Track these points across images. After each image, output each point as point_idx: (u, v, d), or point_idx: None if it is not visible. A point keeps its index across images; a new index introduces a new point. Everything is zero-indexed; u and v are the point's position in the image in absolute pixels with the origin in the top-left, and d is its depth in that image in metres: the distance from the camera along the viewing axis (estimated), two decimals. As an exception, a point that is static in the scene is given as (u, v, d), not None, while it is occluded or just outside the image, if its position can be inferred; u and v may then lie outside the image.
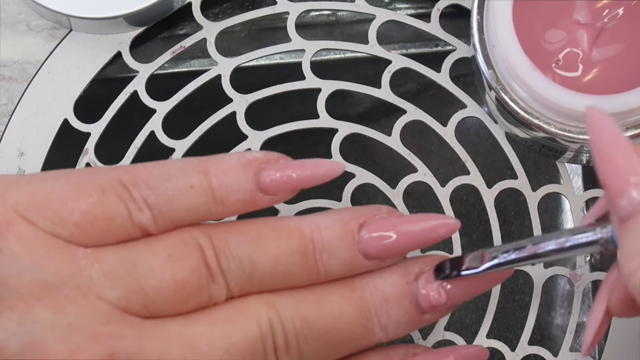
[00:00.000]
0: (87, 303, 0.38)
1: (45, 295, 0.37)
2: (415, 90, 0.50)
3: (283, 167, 0.41)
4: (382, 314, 0.41)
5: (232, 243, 0.40)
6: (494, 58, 0.44)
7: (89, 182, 0.39)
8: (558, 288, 0.49)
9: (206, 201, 0.40)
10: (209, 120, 0.48)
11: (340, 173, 0.41)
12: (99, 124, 0.48)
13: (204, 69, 0.49)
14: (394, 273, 0.41)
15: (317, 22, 0.50)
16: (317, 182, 0.41)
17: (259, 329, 0.39)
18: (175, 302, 0.39)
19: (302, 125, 0.48)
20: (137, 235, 0.39)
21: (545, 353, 0.47)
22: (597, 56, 0.45)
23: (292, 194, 0.41)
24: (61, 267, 0.38)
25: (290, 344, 0.39)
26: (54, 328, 0.37)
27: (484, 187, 0.48)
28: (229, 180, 0.40)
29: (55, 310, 0.37)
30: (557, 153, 0.47)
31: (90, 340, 0.37)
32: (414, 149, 0.48)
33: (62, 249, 0.38)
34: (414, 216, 0.42)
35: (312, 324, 0.40)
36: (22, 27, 0.49)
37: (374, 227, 0.41)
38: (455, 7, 0.49)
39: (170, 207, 0.39)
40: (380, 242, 0.41)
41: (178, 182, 0.40)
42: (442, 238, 0.41)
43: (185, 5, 0.49)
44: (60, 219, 0.38)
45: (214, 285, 0.39)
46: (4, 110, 0.49)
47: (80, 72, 0.49)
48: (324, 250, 0.40)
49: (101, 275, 0.38)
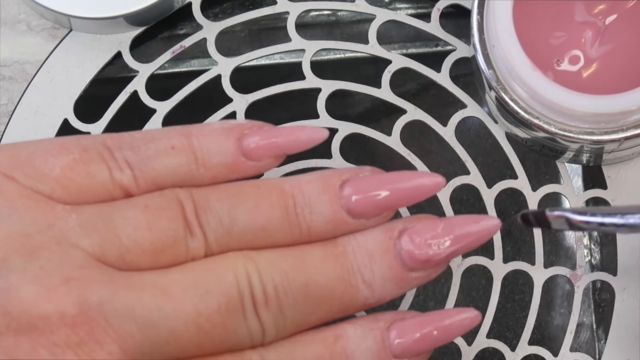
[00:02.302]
0: (60, 250, 0.37)
1: (20, 243, 0.37)
2: (415, 90, 0.50)
3: (266, 133, 0.41)
4: (365, 270, 0.40)
5: (212, 199, 0.39)
6: (494, 58, 0.44)
7: (72, 142, 0.39)
8: (558, 288, 0.49)
9: (187, 161, 0.40)
10: (209, 120, 0.48)
11: (324, 138, 0.41)
12: (99, 124, 0.48)
13: (204, 68, 0.49)
14: (377, 230, 0.40)
15: (317, 22, 0.50)
16: (300, 147, 0.41)
17: (236, 279, 0.38)
18: (151, 253, 0.38)
19: (302, 125, 0.48)
20: (119, 196, 0.39)
21: (545, 353, 0.47)
22: (598, 56, 0.45)
23: (276, 161, 0.41)
24: (38, 218, 0.38)
25: (269, 297, 0.39)
26: (26, 271, 0.37)
27: (484, 187, 0.48)
28: (211, 142, 0.40)
29: (28, 256, 0.37)
30: (557, 153, 0.47)
31: (61, 283, 0.37)
32: (414, 149, 0.48)
33: (41, 202, 0.38)
34: (398, 173, 0.41)
35: (291, 277, 0.39)
36: (22, 27, 0.49)
37: (357, 183, 0.40)
38: (455, 7, 0.49)
39: (151, 166, 0.39)
40: (363, 197, 0.40)
41: (160, 143, 0.40)
42: (428, 193, 0.41)
43: (185, 5, 0.49)
44: (41, 176, 0.39)
45: (192, 238, 0.39)
46: (4, 110, 0.49)
47: (80, 72, 0.49)
48: (305, 205, 0.40)
49: (77, 225, 0.38)
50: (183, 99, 0.49)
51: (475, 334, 0.47)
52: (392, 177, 0.41)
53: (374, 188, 0.40)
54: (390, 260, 0.40)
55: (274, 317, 0.39)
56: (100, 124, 0.48)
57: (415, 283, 0.41)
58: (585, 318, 0.48)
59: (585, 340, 0.48)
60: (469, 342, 0.47)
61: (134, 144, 0.40)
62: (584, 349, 0.48)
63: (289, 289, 0.39)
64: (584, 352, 0.47)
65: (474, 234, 0.40)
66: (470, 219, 0.40)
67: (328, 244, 0.40)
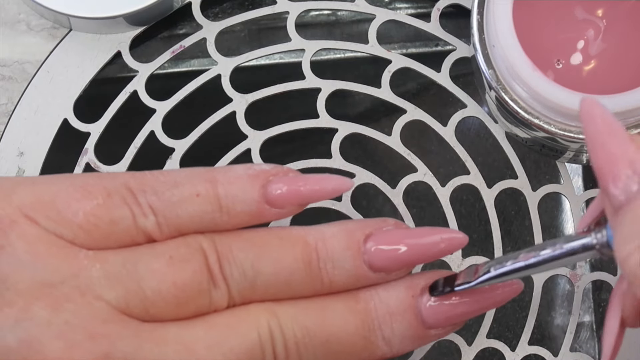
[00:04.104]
0: (85, 302, 0.37)
1: (44, 293, 0.37)
2: (415, 90, 0.50)
3: (291, 181, 0.40)
4: (385, 328, 0.40)
5: (236, 249, 0.40)
6: (494, 58, 0.44)
7: (94, 184, 0.39)
8: (558, 288, 0.49)
9: (211, 209, 0.40)
10: (208, 120, 0.48)
11: (349, 189, 0.41)
12: (98, 124, 0.48)
13: (204, 68, 0.49)
14: (399, 286, 0.41)
15: (317, 22, 0.50)
16: (325, 197, 0.41)
17: (258, 335, 0.39)
18: (174, 305, 0.38)
19: (302, 125, 0.48)
20: (141, 240, 0.39)
21: (545, 353, 0.47)
22: (598, 56, 0.45)
23: (299, 208, 0.41)
24: (61, 266, 0.38)
25: (290, 352, 0.39)
26: (50, 325, 0.37)
27: (484, 187, 0.48)
28: (236, 190, 0.40)
29: (52, 308, 0.37)
30: (557, 153, 0.47)
31: (86, 338, 0.37)
32: (414, 149, 0.48)
33: (64, 248, 0.38)
34: (421, 229, 0.41)
35: (313, 332, 0.40)
36: (22, 26, 0.49)
37: (380, 238, 0.41)
38: (455, 7, 0.49)
39: (175, 214, 0.39)
40: (386, 254, 0.40)
41: (184, 189, 0.40)
42: (449, 252, 0.41)
43: (185, 5, 0.49)
44: (64, 220, 0.38)
45: (215, 290, 0.39)
46: (4, 110, 0.49)
47: (80, 71, 0.49)
48: (328, 259, 0.40)
49: (101, 276, 0.38)
50: (183, 99, 0.49)
51: (475, 334, 0.47)
52: (415, 232, 0.41)
53: (396, 242, 0.40)
54: (411, 319, 0.41)
55: None
56: (99, 124, 0.48)
57: (433, 339, 0.42)
58: (585, 318, 0.48)
59: (585, 340, 0.48)
60: (469, 342, 0.47)
61: (158, 189, 0.39)
62: (584, 349, 0.48)
63: (310, 345, 0.39)
64: (584, 352, 0.47)
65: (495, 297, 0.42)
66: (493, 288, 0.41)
67: (350, 298, 0.41)
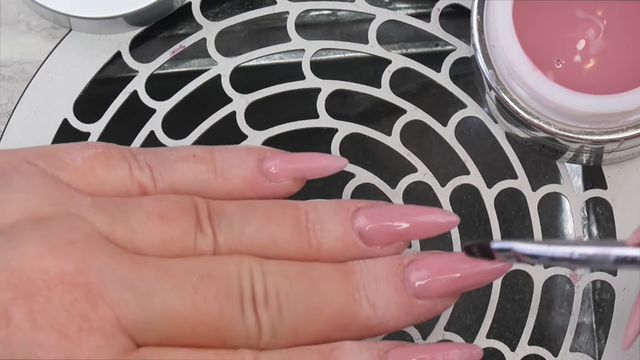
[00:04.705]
0: (70, 219, 0.38)
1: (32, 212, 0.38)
2: (415, 90, 0.50)
3: (286, 156, 0.41)
4: (370, 289, 0.40)
5: (227, 206, 0.40)
6: (494, 58, 0.44)
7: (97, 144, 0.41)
8: (558, 288, 0.49)
9: (206, 169, 0.40)
10: (208, 120, 0.48)
11: (343, 166, 0.42)
12: (98, 124, 0.48)
13: (204, 68, 0.49)
14: (388, 257, 0.41)
15: (317, 22, 0.50)
16: (319, 172, 0.41)
17: (239, 271, 0.38)
18: (159, 241, 0.38)
19: (302, 125, 0.48)
20: (136, 193, 0.40)
21: (545, 353, 0.47)
22: (597, 56, 0.45)
23: (294, 184, 0.41)
24: (53, 195, 0.39)
25: (270, 297, 0.38)
26: (33, 231, 0.37)
27: (484, 187, 0.48)
28: (232, 155, 0.41)
29: (38, 221, 0.38)
30: (557, 153, 0.47)
31: (66, 243, 0.37)
32: (414, 149, 0.48)
33: (58, 184, 0.39)
34: (414, 207, 0.41)
35: (295, 281, 0.39)
36: (22, 27, 0.49)
37: (371, 210, 0.41)
38: (455, 7, 0.49)
39: (171, 169, 0.40)
40: (376, 223, 0.40)
41: (182, 151, 0.41)
42: (441, 230, 0.41)
43: (185, 5, 0.49)
44: (62, 164, 0.40)
45: (202, 235, 0.39)
46: (4, 110, 0.49)
47: (80, 72, 0.49)
48: (317, 221, 0.40)
49: (90, 205, 0.39)
50: (183, 99, 0.49)
51: (475, 334, 0.47)
52: (406, 209, 0.41)
53: (386, 217, 0.41)
54: (397, 284, 0.40)
55: (272, 318, 0.39)
56: (99, 124, 0.48)
57: (420, 312, 0.40)
58: (585, 318, 0.48)
59: (585, 340, 0.48)
60: (470, 342, 0.47)
61: (157, 152, 0.41)
62: (584, 349, 0.48)
63: (291, 292, 0.39)
64: (584, 352, 0.47)
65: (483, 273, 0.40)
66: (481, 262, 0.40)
67: (337, 264, 0.40)
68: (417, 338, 0.47)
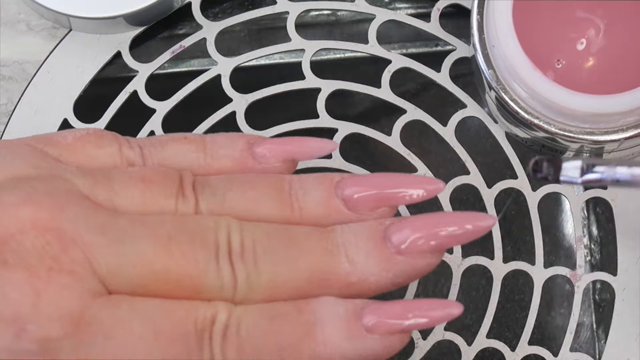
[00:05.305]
0: (52, 178, 0.38)
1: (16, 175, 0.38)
2: (415, 90, 0.50)
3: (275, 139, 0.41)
4: (350, 246, 0.39)
5: (212, 178, 0.40)
6: (494, 58, 0.44)
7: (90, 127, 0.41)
8: (558, 288, 0.49)
9: (196, 149, 0.40)
10: (208, 120, 0.48)
11: (333, 149, 0.41)
12: (98, 124, 0.48)
13: (204, 68, 0.49)
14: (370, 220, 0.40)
15: (317, 22, 0.50)
16: (309, 153, 0.41)
17: (215, 225, 0.38)
18: (140, 201, 0.39)
19: (302, 125, 0.48)
20: None
21: (545, 353, 0.47)
22: (598, 56, 0.45)
23: (284, 166, 0.41)
24: (40, 163, 0.39)
25: (247, 249, 0.38)
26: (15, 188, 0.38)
27: (483, 187, 0.48)
28: (222, 138, 0.41)
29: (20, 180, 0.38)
30: (557, 153, 0.47)
31: (45, 195, 0.37)
32: (414, 149, 0.48)
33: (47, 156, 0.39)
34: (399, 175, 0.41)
35: (273, 237, 0.39)
36: (22, 26, 0.49)
37: (354, 179, 0.40)
38: (455, 7, 0.49)
39: (161, 149, 0.40)
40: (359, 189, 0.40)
41: (174, 135, 0.41)
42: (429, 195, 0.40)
43: (185, 5, 0.49)
44: (53, 142, 0.40)
45: (184, 200, 0.39)
46: (4, 110, 0.49)
47: (80, 72, 0.49)
48: (300, 188, 0.40)
49: (75, 170, 0.39)
50: (183, 99, 0.49)
51: (475, 334, 0.47)
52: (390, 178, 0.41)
53: (370, 184, 0.40)
54: (377, 241, 0.39)
55: (248, 270, 0.38)
56: (100, 124, 0.48)
57: (400, 267, 0.39)
58: (585, 318, 0.48)
59: (585, 340, 0.48)
60: (469, 342, 0.47)
61: (150, 138, 0.41)
62: (584, 349, 0.48)
63: (268, 247, 0.38)
64: (584, 352, 0.47)
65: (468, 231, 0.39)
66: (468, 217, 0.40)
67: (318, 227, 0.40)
68: (417, 338, 0.47)
